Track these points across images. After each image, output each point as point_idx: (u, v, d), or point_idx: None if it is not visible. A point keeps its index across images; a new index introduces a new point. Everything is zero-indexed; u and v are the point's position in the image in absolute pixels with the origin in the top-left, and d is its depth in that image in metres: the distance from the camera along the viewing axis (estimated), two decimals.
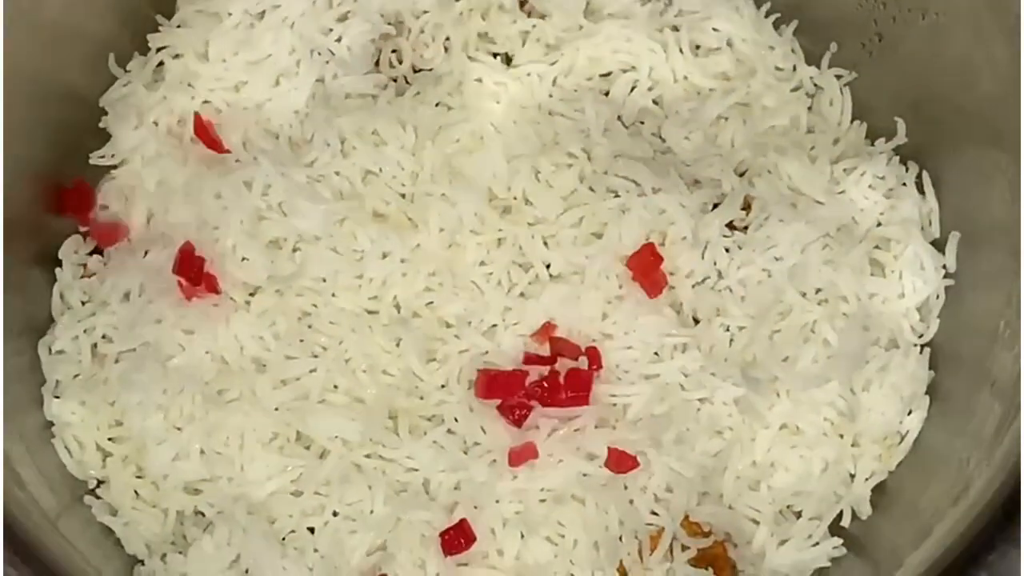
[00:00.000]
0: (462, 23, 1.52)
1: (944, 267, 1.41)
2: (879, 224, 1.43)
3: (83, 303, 1.42)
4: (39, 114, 1.39)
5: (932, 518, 1.20)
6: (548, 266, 1.40)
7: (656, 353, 1.37)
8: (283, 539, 1.32)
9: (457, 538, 1.30)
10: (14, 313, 1.34)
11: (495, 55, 1.52)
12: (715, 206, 1.41)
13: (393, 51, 1.52)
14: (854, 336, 1.38)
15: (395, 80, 1.50)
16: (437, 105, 1.46)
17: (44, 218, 1.43)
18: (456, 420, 1.35)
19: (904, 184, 1.44)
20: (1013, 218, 1.28)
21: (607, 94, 1.49)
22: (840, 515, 1.37)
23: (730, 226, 1.41)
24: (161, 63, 1.50)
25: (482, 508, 1.32)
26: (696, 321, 1.40)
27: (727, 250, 1.40)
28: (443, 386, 1.37)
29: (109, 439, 1.36)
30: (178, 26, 1.51)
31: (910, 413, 1.37)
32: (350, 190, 1.42)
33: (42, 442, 1.35)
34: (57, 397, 1.37)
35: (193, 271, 1.37)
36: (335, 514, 1.33)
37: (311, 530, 1.33)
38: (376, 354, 1.37)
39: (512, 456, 1.32)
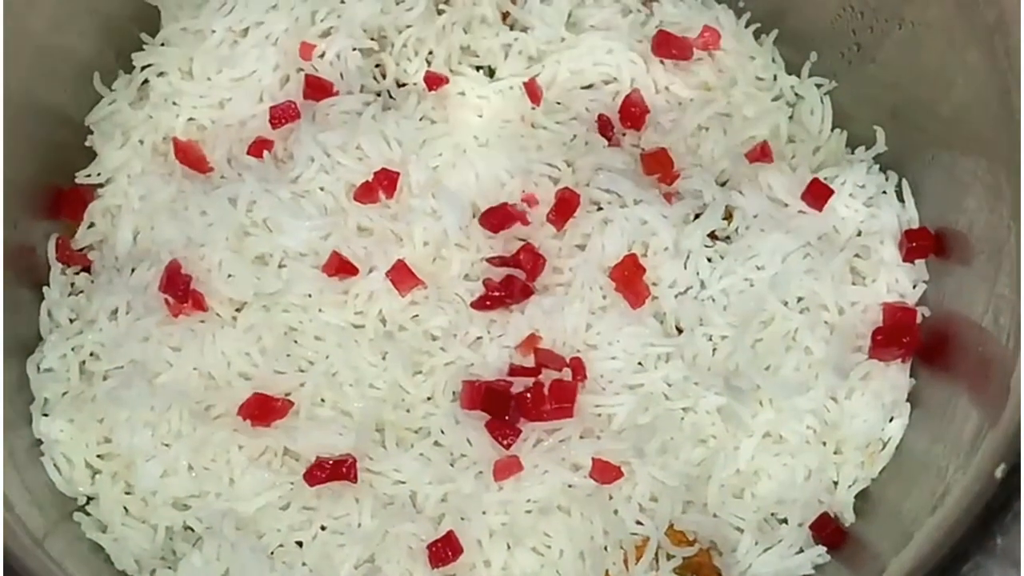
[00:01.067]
0: (445, 37, 1.52)
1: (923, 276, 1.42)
2: (859, 233, 1.44)
3: (71, 321, 1.42)
4: (25, 134, 1.40)
5: (912, 525, 1.21)
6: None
7: (640, 363, 1.38)
8: (271, 553, 1.33)
9: (444, 550, 1.31)
10: (2, 332, 1.35)
11: (478, 68, 1.53)
12: (697, 216, 1.42)
13: (376, 66, 1.53)
14: (836, 344, 1.39)
15: (378, 95, 1.51)
16: (421, 119, 1.47)
17: (32, 236, 1.44)
18: (442, 432, 1.36)
19: (884, 192, 1.45)
20: (990, 224, 1.29)
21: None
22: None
23: (712, 236, 1.42)
24: (146, 81, 1.51)
25: (469, 520, 1.32)
26: (679, 331, 1.40)
27: (709, 260, 1.41)
28: (429, 398, 1.38)
29: (98, 456, 1.37)
30: (162, 44, 1.52)
31: (892, 420, 1.38)
32: (334, 205, 1.43)
33: (31, 460, 1.35)
34: (46, 415, 1.38)
35: (180, 289, 1.38)
36: (323, 528, 1.33)
37: (299, 544, 1.33)
38: (362, 368, 1.38)
39: (497, 470, 1.33)
